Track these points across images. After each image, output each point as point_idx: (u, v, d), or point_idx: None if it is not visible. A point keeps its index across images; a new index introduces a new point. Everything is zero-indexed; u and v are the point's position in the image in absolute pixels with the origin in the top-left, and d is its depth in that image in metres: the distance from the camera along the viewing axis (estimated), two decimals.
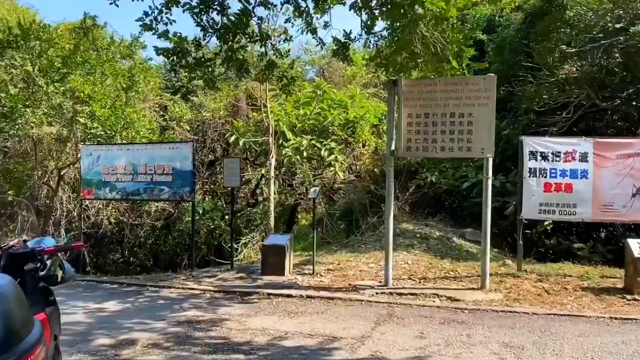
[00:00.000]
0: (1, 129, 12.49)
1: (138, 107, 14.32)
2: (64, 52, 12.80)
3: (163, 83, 18.03)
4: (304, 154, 12.93)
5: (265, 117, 12.40)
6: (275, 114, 13.21)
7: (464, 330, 5.84)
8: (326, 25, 8.23)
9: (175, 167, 9.88)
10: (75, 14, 33.05)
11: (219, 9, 7.18)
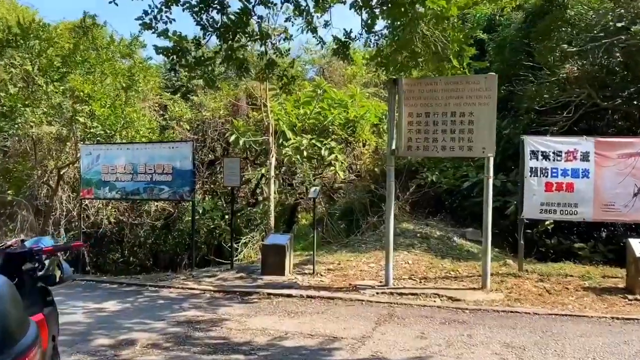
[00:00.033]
0: (1, 128, 12.47)
1: (138, 107, 14.30)
2: (64, 52, 12.78)
3: (163, 82, 18.00)
4: (304, 153, 12.90)
5: (265, 117, 12.37)
6: (275, 113, 13.19)
7: (465, 331, 5.82)
8: (326, 24, 8.21)
9: (175, 167, 9.86)
10: (74, 13, 33.18)
11: (218, 7, 7.16)
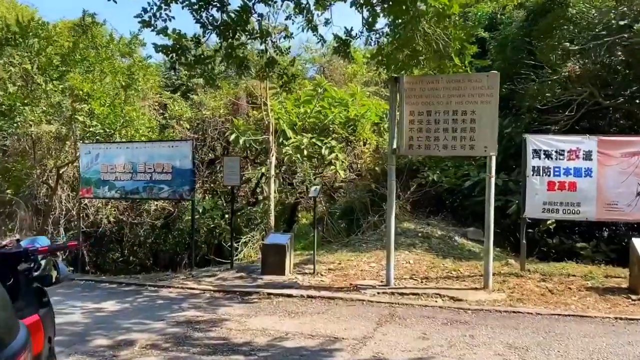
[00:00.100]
0: (0, 127, 12.42)
1: (137, 105, 14.25)
2: (63, 50, 12.71)
3: (163, 81, 17.94)
4: (305, 152, 12.85)
5: (265, 116, 12.32)
6: (275, 112, 13.13)
7: (467, 331, 5.76)
8: (327, 22, 8.17)
9: (174, 166, 9.81)
10: (74, 12, 33.10)
11: (218, 5, 7.11)
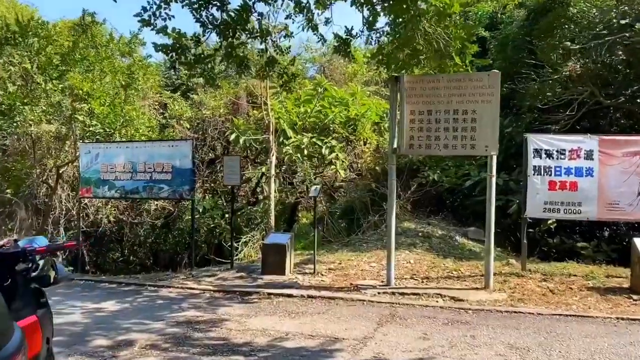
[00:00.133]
0: (0, 127, 12.40)
1: (137, 105, 14.23)
2: (63, 50, 12.69)
3: (163, 81, 17.91)
4: (305, 152, 12.81)
5: (265, 115, 12.29)
6: (275, 111, 13.10)
7: (468, 331, 5.74)
8: (327, 21, 8.13)
9: (174, 165, 9.79)
10: (74, 11, 33.12)
11: (218, 4, 7.07)
